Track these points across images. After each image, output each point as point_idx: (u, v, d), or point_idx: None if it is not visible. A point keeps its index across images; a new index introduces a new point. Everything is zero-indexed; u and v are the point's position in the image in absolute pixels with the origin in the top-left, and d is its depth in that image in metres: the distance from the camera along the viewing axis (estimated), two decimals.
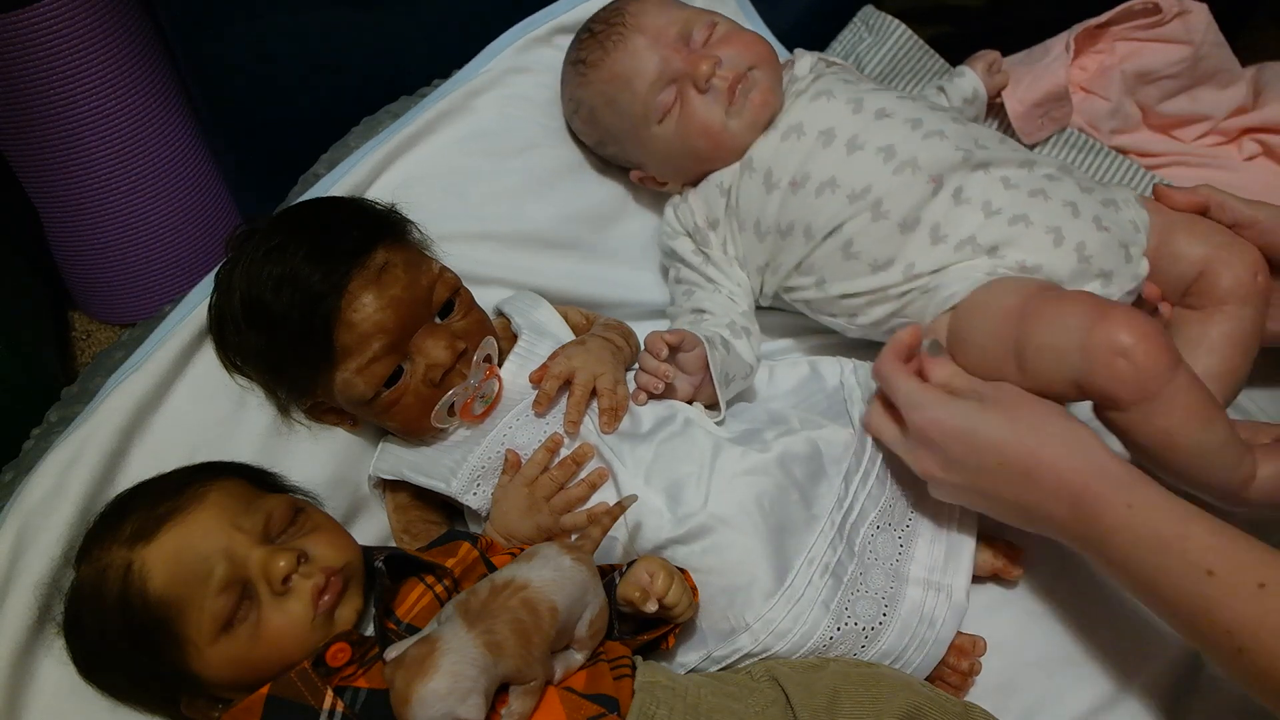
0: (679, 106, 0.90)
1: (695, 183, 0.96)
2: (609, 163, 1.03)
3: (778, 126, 0.90)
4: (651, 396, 0.85)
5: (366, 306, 0.77)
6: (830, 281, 0.89)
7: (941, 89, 1.05)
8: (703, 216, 0.95)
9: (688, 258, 0.96)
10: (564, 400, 0.83)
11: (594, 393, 0.83)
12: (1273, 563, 0.60)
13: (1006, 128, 1.11)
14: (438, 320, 0.82)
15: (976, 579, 0.85)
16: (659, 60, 0.90)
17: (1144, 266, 0.85)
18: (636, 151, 0.96)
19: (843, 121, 0.87)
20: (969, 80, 1.05)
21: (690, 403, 0.88)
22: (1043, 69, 1.10)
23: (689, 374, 0.86)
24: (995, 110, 1.13)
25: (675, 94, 0.90)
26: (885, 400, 0.80)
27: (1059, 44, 1.11)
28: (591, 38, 0.94)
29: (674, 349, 0.84)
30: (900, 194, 0.84)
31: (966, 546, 0.84)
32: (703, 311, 0.94)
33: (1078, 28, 1.11)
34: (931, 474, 0.76)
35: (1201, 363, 0.81)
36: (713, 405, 0.88)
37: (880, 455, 0.87)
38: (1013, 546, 0.86)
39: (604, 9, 0.97)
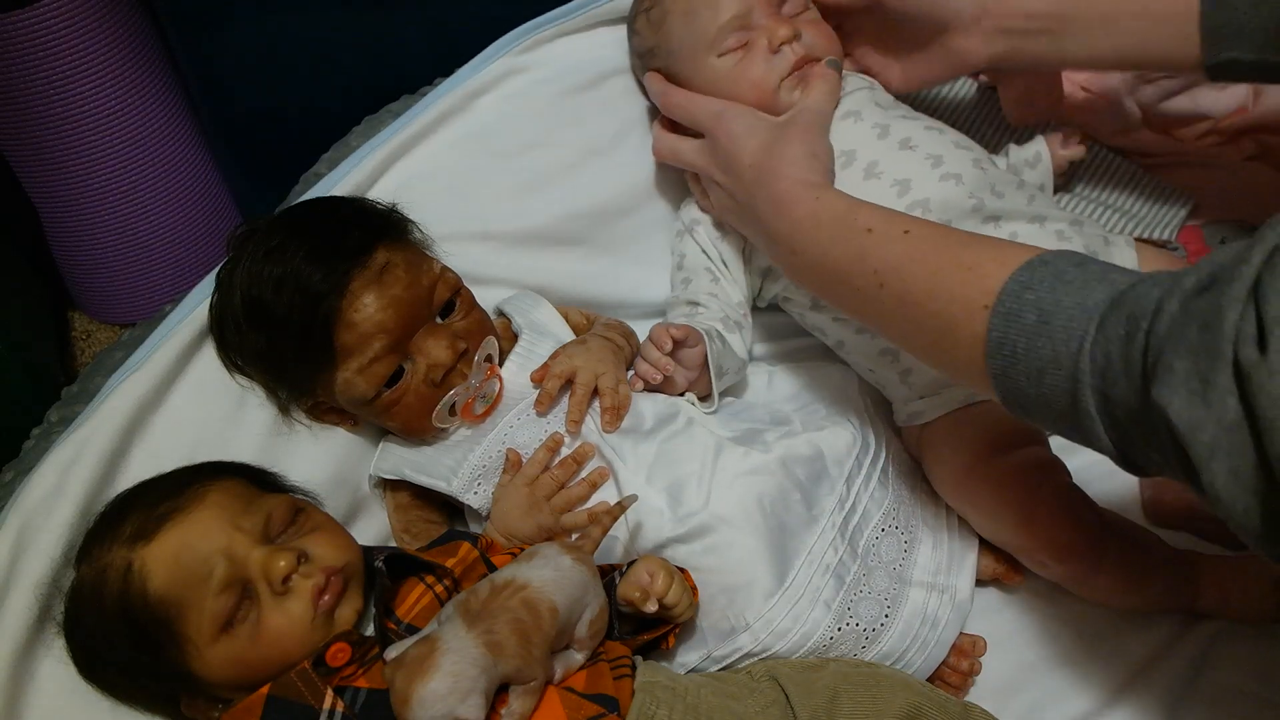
0: (744, 53, 0.91)
1: None
2: (638, 80, 1.03)
3: None
4: (647, 387, 0.86)
5: (367, 306, 0.77)
6: (826, 304, 0.89)
7: (1005, 152, 1.01)
8: None
9: (702, 242, 0.96)
10: (565, 400, 0.83)
11: (595, 392, 0.83)
12: (918, 220, 0.71)
13: (996, 108, 1.10)
14: (439, 320, 0.82)
15: (978, 583, 0.85)
16: (749, 3, 0.90)
17: None
18: (684, 73, 0.95)
19: (865, 146, 0.88)
20: (1035, 145, 1.01)
21: (683, 394, 0.88)
22: None
23: (688, 369, 0.86)
24: (987, 97, 1.12)
25: (746, 40, 0.91)
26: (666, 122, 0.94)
27: None
28: None
29: (678, 344, 0.84)
30: None
31: (970, 550, 0.84)
32: (696, 304, 0.94)
33: None
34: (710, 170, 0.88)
35: None
36: (705, 396, 0.89)
37: (882, 459, 0.87)
38: None
39: None
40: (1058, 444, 0.83)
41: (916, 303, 0.65)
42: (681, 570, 0.76)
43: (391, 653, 0.65)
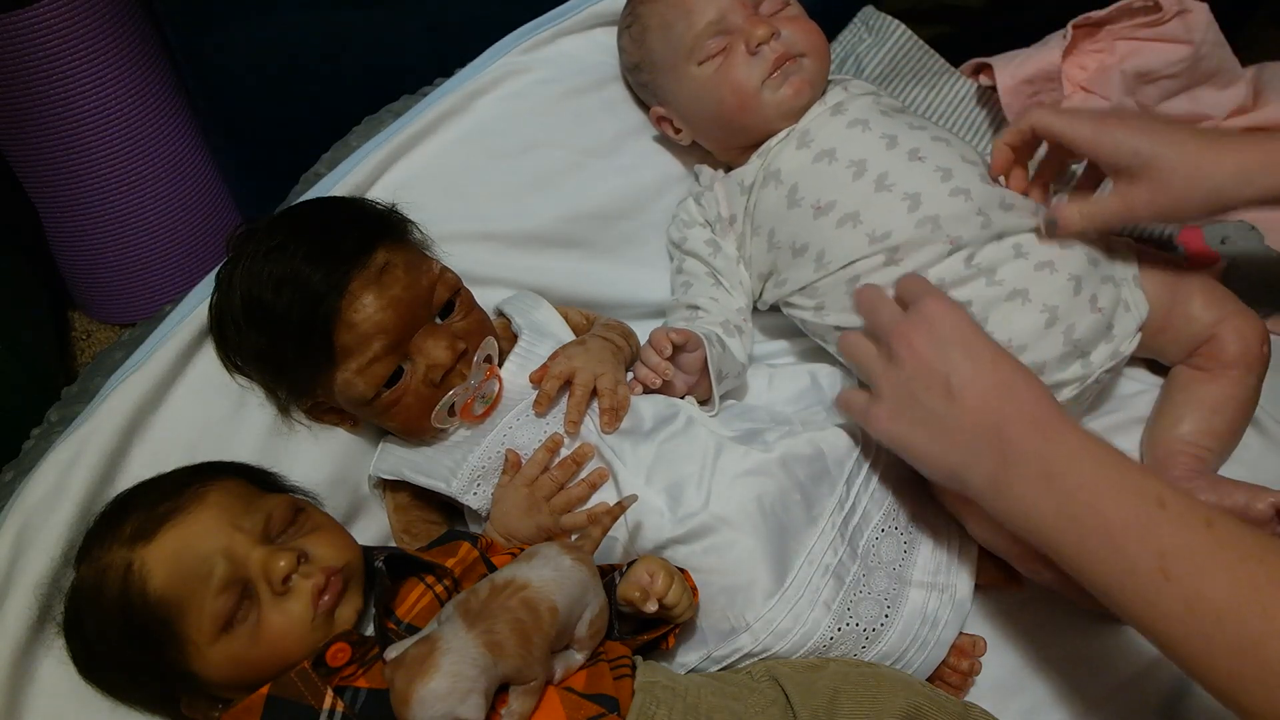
0: (723, 57, 0.91)
1: (711, 152, 0.97)
2: (633, 92, 1.04)
3: (809, 146, 0.90)
4: (647, 390, 0.86)
5: (367, 307, 0.77)
6: (829, 311, 0.90)
7: None
8: (726, 209, 0.95)
9: (698, 249, 0.96)
10: (564, 400, 0.83)
11: (594, 393, 0.83)
12: (1218, 510, 0.62)
13: (996, 108, 1.10)
14: (438, 320, 0.82)
15: (977, 587, 0.85)
16: (723, 7, 0.91)
17: (1127, 344, 0.86)
18: (668, 85, 0.97)
19: (875, 156, 0.87)
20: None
21: (683, 397, 0.88)
22: (1038, 48, 1.10)
23: (687, 374, 0.86)
24: (986, 94, 1.12)
25: (724, 45, 0.91)
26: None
27: (1057, 34, 1.11)
28: None
29: (678, 348, 0.84)
30: (917, 248, 0.85)
31: (969, 552, 0.84)
32: (697, 308, 0.94)
33: (1077, 19, 1.11)
34: (917, 352, 0.72)
35: (1205, 421, 0.87)
36: (705, 400, 0.89)
37: (883, 459, 0.87)
38: None
39: None
40: None
41: (1217, 615, 0.57)
42: (681, 570, 0.76)
43: (391, 653, 0.65)
